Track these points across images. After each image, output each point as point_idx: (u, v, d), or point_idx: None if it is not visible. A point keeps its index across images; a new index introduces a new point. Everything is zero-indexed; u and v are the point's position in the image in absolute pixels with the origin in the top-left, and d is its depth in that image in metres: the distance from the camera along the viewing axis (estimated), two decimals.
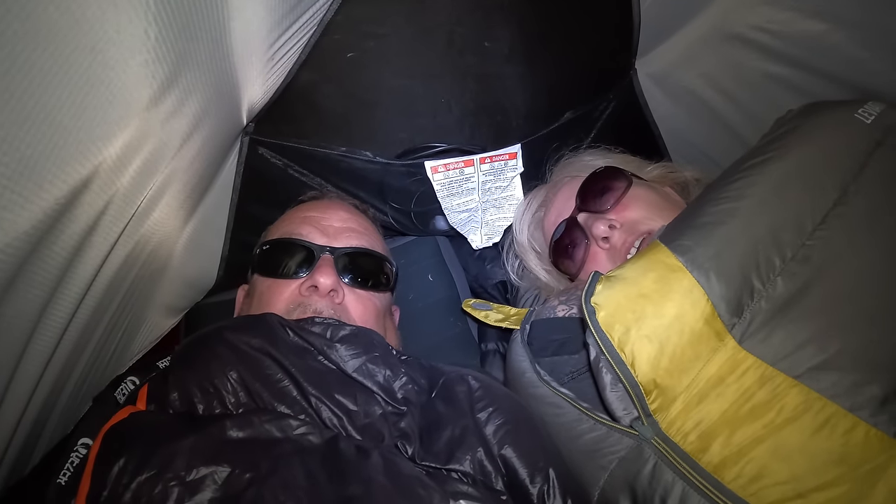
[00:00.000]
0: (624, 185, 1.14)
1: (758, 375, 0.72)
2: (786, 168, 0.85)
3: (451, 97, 1.21)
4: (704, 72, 1.29)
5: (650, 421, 0.75)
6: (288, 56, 0.98)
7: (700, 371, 0.74)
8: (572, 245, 1.18)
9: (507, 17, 1.11)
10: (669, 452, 0.73)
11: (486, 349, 1.32)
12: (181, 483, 0.61)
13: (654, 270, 0.80)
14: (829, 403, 0.68)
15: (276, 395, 0.76)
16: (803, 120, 0.93)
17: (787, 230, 0.79)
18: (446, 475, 0.74)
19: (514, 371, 0.96)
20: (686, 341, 0.75)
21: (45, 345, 0.71)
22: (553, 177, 1.35)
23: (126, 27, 0.59)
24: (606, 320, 0.77)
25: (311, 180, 1.27)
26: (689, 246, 0.80)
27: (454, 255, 1.48)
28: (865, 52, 1.01)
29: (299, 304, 0.96)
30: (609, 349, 0.75)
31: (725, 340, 0.75)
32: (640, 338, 0.75)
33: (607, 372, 0.77)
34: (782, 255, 0.78)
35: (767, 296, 0.76)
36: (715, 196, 0.86)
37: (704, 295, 0.76)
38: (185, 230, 1.04)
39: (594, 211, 1.14)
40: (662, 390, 0.74)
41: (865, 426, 0.66)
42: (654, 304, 0.77)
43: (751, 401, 0.71)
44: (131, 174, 0.71)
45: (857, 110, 0.89)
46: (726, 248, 0.79)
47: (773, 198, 0.82)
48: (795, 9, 1.05)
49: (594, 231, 1.11)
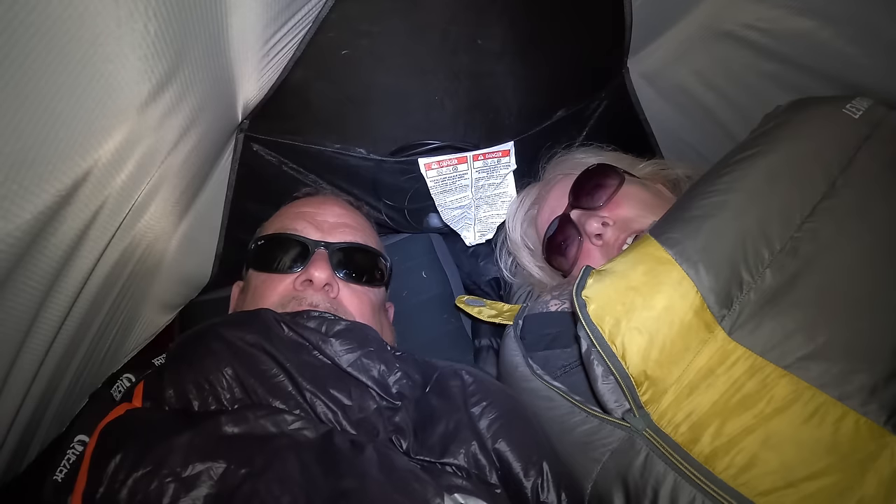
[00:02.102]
0: (616, 183, 1.15)
1: (747, 366, 0.73)
2: (774, 162, 0.86)
3: (444, 95, 1.21)
4: (696, 70, 1.29)
5: (641, 413, 0.76)
6: (283, 53, 0.98)
7: (690, 362, 0.75)
8: (565, 242, 1.18)
9: (500, 16, 1.11)
10: (661, 443, 0.73)
11: (479, 345, 1.33)
12: (177, 479, 0.61)
13: (643, 263, 0.81)
14: (818, 393, 0.68)
15: (270, 391, 0.77)
16: (792, 115, 0.94)
17: (775, 222, 0.80)
18: (441, 469, 0.75)
19: (507, 365, 0.96)
20: (676, 333, 0.76)
21: (41, 341, 0.71)
22: (546, 174, 1.35)
23: (126, 21, 0.59)
24: (597, 313, 0.78)
25: (305, 177, 1.27)
26: (677, 239, 0.81)
27: (448, 252, 1.49)
28: (853, 49, 1.01)
29: (294, 298, 0.96)
30: (600, 341, 0.76)
31: (715, 332, 0.76)
32: (631, 329, 0.76)
33: (598, 364, 0.78)
34: (771, 248, 0.79)
35: (756, 287, 0.77)
36: (704, 190, 0.87)
37: (694, 287, 0.77)
38: (180, 227, 1.04)
39: (587, 208, 1.15)
40: (653, 382, 0.75)
41: (855, 415, 0.66)
42: (643, 296, 0.78)
43: (741, 391, 0.72)
44: (128, 170, 0.71)
45: (844, 106, 0.90)
46: (715, 240, 0.80)
47: (761, 191, 0.84)
48: (784, 6, 1.06)
49: (587, 228, 1.11)
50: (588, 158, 1.28)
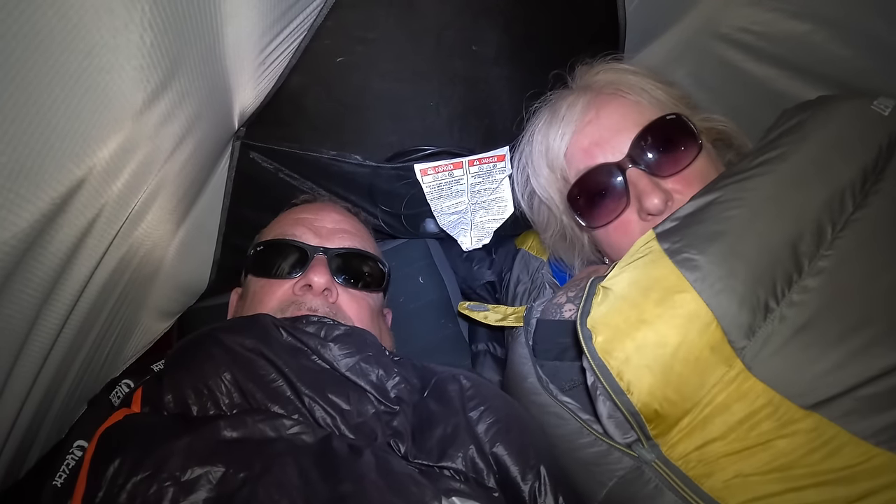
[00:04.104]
0: (694, 152, 0.95)
1: (766, 404, 0.68)
2: (802, 163, 0.78)
3: (439, 100, 1.22)
4: (691, 72, 1.30)
5: (650, 444, 0.73)
6: (279, 61, 0.98)
7: (705, 396, 0.70)
8: (604, 197, 0.99)
9: (494, 21, 1.12)
10: (671, 476, 0.71)
11: (476, 350, 1.33)
12: (176, 483, 0.62)
13: (656, 290, 0.73)
14: (841, 432, 0.64)
15: (269, 395, 0.77)
16: (817, 111, 0.85)
17: (807, 239, 0.72)
18: (439, 473, 0.75)
19: (515, 374, 0.93)
20: (690, 370, 0.70)
21: (39, 347, 0.72)
22: (586, 79, 1.12)
23: (122, 32, 0.59)
24: (604, 347, 0.72)
25: (301, 184, 1.27)
26: (697, 263, 0.73)
27: (444, 257, 1.49)
28: (848, 51, 1.01)
29: (293, 303, 0.97)
30: (607, 378, 0.72)
31: (734, 365, 0.70)
32: (640, 367, 0.71)
33: (605, 399, 0.74)
34: (800, 268, 0.71)
35: (781, 316, 0.70)
36: (726, 197, 0.78)
37: (714, 320, 0.70)
38: (178, 234, 1.05)
39: (651, 172, 0.95)
40: (663, 418, 0.71)
41: (882, 453, 0.62)
42: (655, 331, 0.71)
43: (757, 429, 0.68)
44: (125, 178, 0.72)
45: (871, 103, 0.83)
46: (740, 264, 0.72)
47: (790, 199, 0.75)
48: (778, 10, 1.06)
49: (646, 202, 0.92)
50: (652, 88, 1.04)
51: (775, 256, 0.72)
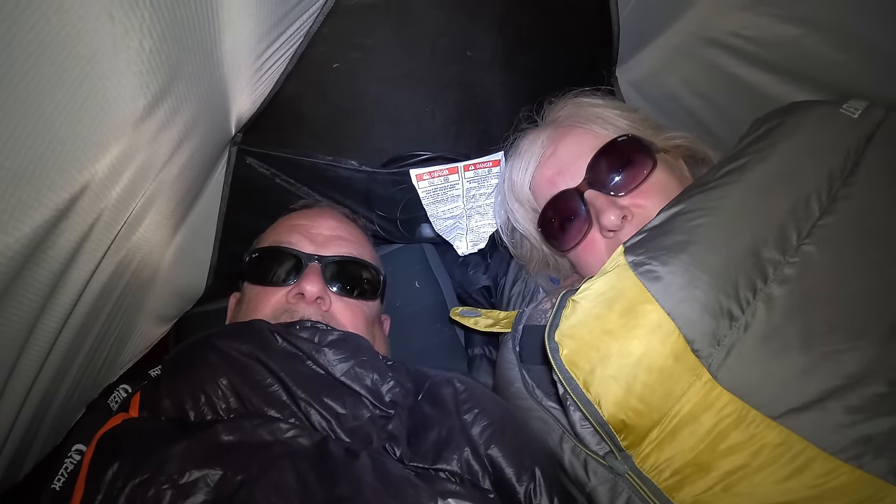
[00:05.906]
0: (648, 168, 0.97)
1: (733, 414, 0.68)
2: (769, 171, 0.78)
3: (434, 106, 1.22)
4: (684, 77, 1.30)
5: (623, 456, 0.73)
6: (275, 67, 0.99)
7: (673, 407, 0.71)
8: (569, 221, 1.02)
9: (489, 27, 1.13)
10: (643, 488, 0.72)
11: (472, 354, 1.33)
12: (174, 486, 0.62)
13: (619, 302, 0.75)
14: (809, 446, 0.63)
15: (266, 400, 0.78)
16: (786, 118, 0.86)
17: (770, 246, 0.72)
18: (434, 475, 0.75)
19: (503, 379, 0.95)
20: (655, 380, 0.71)
21: (38, 352, 0.72)
22: (554, 114, 1.16)
23: (122, 39, 0.60)
24: (570, 358, 0.74)
25: (298, 189, 1.28)
26: (659, 274, 0.74)
27: (440, 261, 1.49)
28: (840, 55, 1.00)
29: (286, 311, 0.97)
30: (574, 389, 0.73)
31: (700, 374, 0.70)
32: (606, 378, 0.72)
33: (575, 410, 0.75)
34: (764, 276, 0.71)
35: (746, 324, 0.70)
36: (690, 208, 0.79)
37: (675, 329, 0.71)
38: (175, 240, 1.05)
39: (607, 191, 0.97)
40: (632, 430, 0.72)
41: (849, 468, 0.61)
42: (619, 341, 0.73)
43: (725, 440, 0.68)
44: (123, 183, 0.72)
45: (841, 106, 0.83)
46: (702, 273, 0.72)
47: (755, 207, 0.76)
48: (770, 14, 1.06)
49: (602, 219, 0.94)
50: (610, 116, 1.08)
51: (738, 264, 0.72)
